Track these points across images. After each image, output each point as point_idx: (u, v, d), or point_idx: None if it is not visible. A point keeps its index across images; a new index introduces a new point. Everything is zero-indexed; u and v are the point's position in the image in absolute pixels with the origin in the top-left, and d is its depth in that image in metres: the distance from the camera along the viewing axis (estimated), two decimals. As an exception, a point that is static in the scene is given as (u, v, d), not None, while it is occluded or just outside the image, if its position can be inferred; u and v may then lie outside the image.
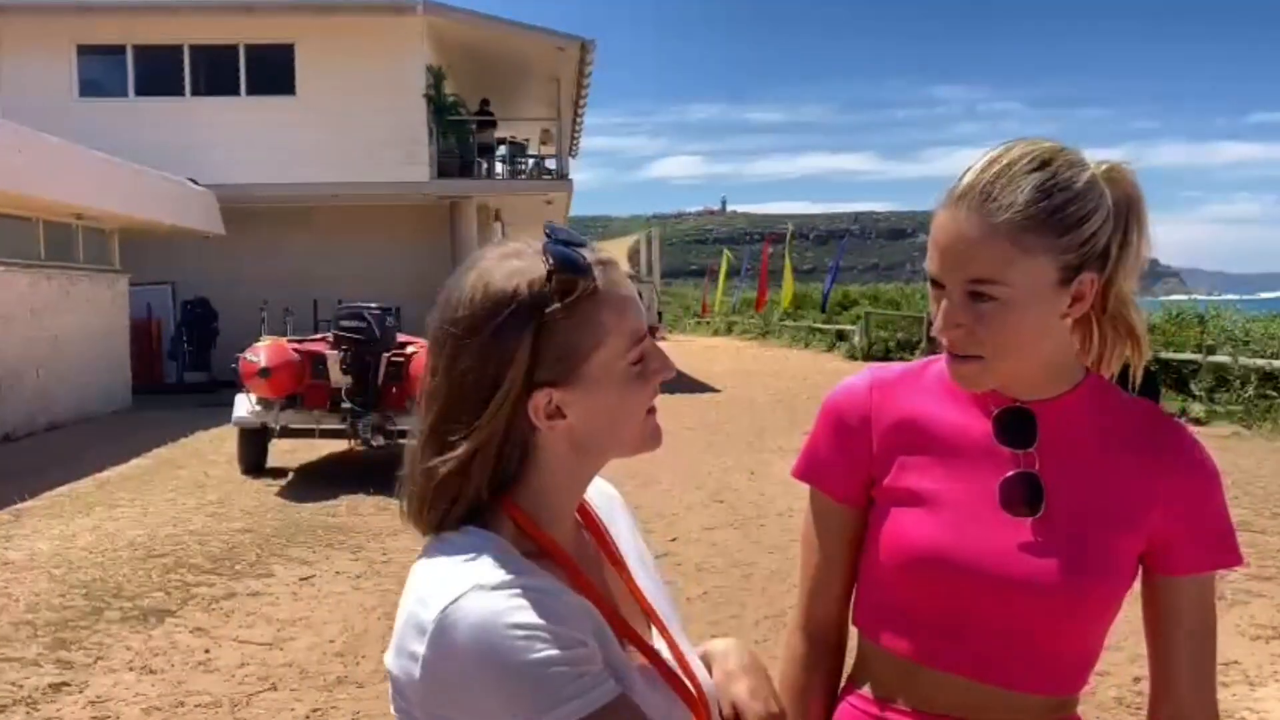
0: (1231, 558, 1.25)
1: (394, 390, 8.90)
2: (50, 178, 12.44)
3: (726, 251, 48.79)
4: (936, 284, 1.20)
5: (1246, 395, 13.40)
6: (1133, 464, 1.23)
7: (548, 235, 1.02)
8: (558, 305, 0.98)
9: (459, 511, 1.02)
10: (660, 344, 1.09)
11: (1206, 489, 1.24)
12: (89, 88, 18.84)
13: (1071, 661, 1.25)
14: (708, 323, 44.10)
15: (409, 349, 9.07)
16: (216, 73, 19.09)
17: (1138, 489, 1.22)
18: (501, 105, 21.23)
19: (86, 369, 14.18)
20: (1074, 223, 1.16)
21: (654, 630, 1.11)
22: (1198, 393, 13.98)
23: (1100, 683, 4.31)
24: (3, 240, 12.51)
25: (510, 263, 1.01)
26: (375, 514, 7.77)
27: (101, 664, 4.75)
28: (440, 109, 19.10)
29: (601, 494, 1.22)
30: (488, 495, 1.02)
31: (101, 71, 19.04)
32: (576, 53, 19.76)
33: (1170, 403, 13.93)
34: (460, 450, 0.99)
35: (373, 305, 9.63)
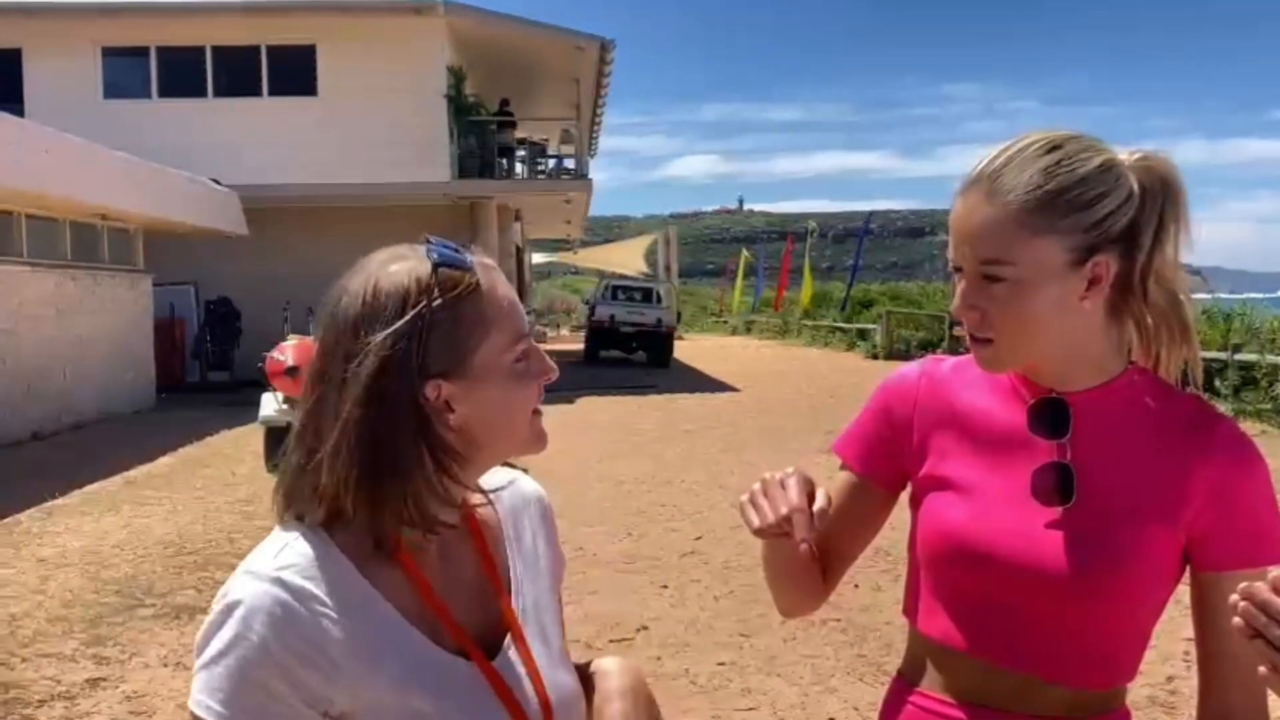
0: (1277, 554, 1.19)
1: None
2: (75, 178, 12.54)
3: (744, 251, 48.76)
4: (957, 269, 1.24)
5: (1275, 393, 13.32)
6: (1171, 456, 1.22)
7: (428, 242, 1.07)
8: (443, 299, 1.03)
9: (316, 509, 1.05)
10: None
11: (1250, 482, 1.21)
12: (113, 89, 19.01)
13: (1104, 656, 1.24)
14: (726, 322, 44.09)
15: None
16: (238, 74, 19.22)
17: (1175, 481, 1.21)
18: (521, 105, 21.28)
19: (111, 368, 14.30)
20: (1082, 204, 1.18)
21: (510, 641, 1.12)
22: (1224, 391, 13.89)
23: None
24: (30, 240, 12.63)
25: (397, 264, 1.05)
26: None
27: (136, 659, 4.79)
28: (461, 109, 19.17)
29: (518, 495, 1.24)
30: (354, 495, 1.03)
31: (125, 73, 19.20)
32: (596, 52, 19.80)
33: (1195, 401, 13.85)
34: (334, 433, 1.02)
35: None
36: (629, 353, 24.56)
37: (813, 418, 13.41)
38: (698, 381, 19.91)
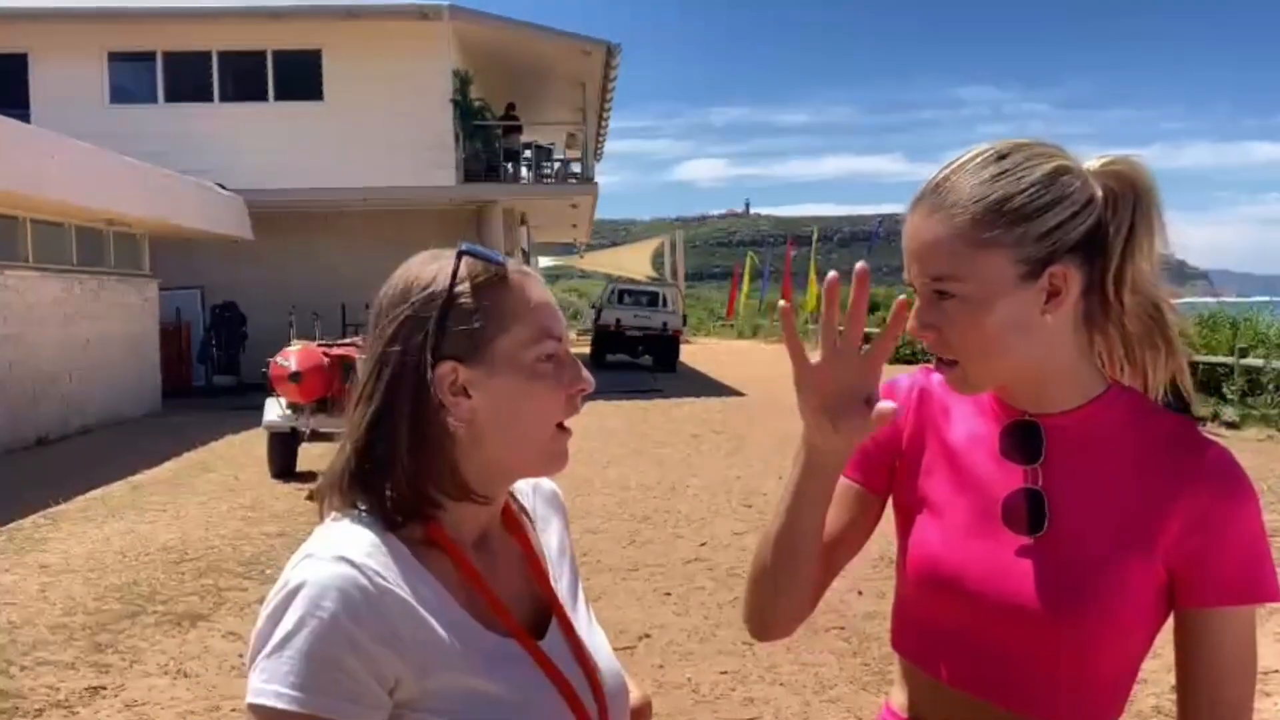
0: (1265, 591, 1.13)
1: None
2: (81, 183, 12.56)
3: (750, 254, 48.73)
4: (913, 287, 1.20)
5: (1280, 399, 13.26)
6: (1150, 483, 1.15)
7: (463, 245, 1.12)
8: (466, 286, 1.06)
9: (358, 495, 1.07)
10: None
11: (1234, 511, 1.12)
12: (119, 94, 19.05)
13: (1084, 694, 1.17)
14: (732, 326, 44.06)
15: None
16: (245, 78, 19.27)
17: (1153, 510, 1.14)
18: (527, 109, 21.30)
19: (117, 373, 14.31)
20: (1030, 213, 1.12)
21: (555, 622, 1.15)
22: (1230, 396, 13.83)
23: (1137, 690, 4.26)
24: (36, 245, 12.65)
25: (432, 262, 1.09)
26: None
27: (137, 667, 4.78)
28: (466, 113, 19.17)
29: (541, 493, 1.29)
30: (395, 485, 1.05)
31: (132, 78, 19.24)
32: (602, 56, 19.80)
33: (1202, 406, 13.79)
34: (365, 418, 1.06)
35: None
36: (635, 356, 24.54)
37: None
38: (704, 386, 19.88)
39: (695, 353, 29.29)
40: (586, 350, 25.10)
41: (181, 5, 19.42)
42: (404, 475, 1.05)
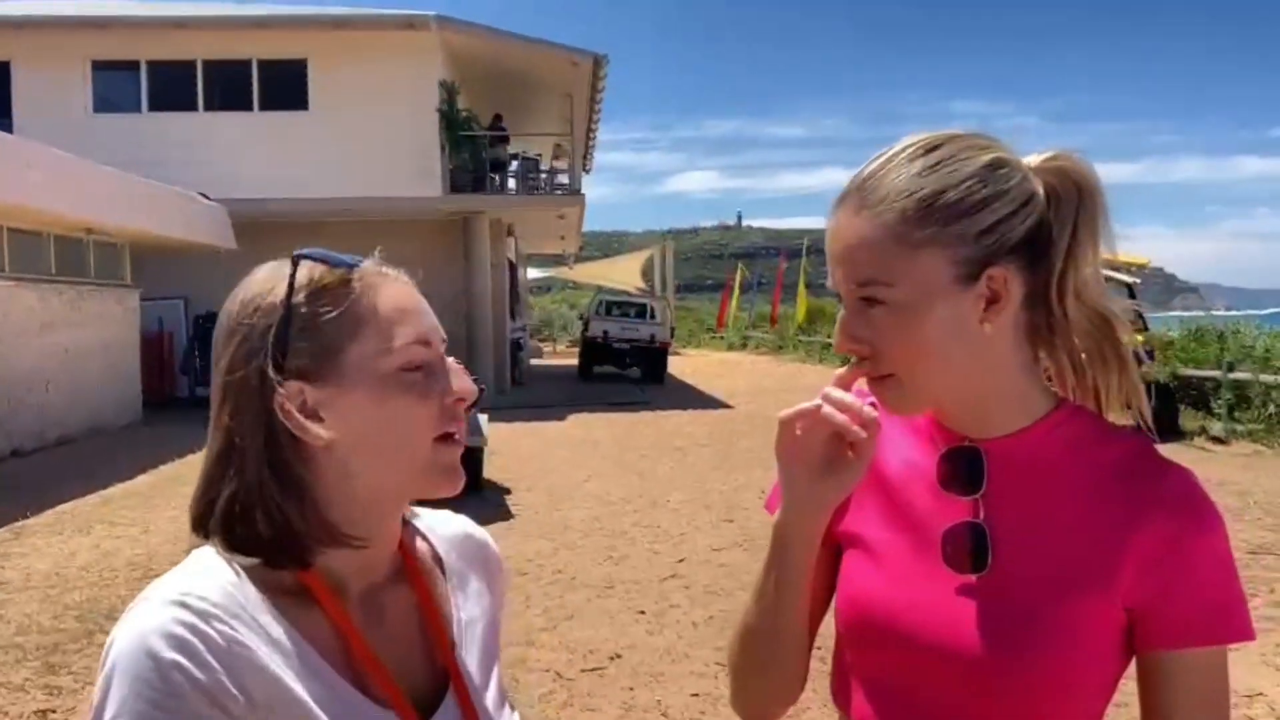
0: (1233, 630, 1.01)
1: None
2: (61, 192, 12.42)
3: (741, 266, 48.69)
4: (838, 296, 1.08)
5: (1268, 413, 13.18)
6: (1105, 512, 1.02)
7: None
8: (304, 295, 0.93)
9: (219, 533, 0.94)
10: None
11: (1198, 542, 1.00)
12: (103, 103, 18.89)
13: None
14: (722, 338, 43.99)
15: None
16: (230, 88, 19.11)
17: (1108, 543, 1.01)
18: (515, 120, 21.20)
19: (97, 383, 14.15)
20: (967, 209, 1.01)
21: (451, 698, 1.00)
22: (1218, 410, 13.76)
23: (1116, 715, 4.14)
24: (14, 255, 12.50)
25: (269, 273, 0.97)
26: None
27: (89, 689, 4.62)
28: (453, 124, 19.06)
29: (463, 539, 1.13)
30: (257, 525, 0.93)
31: (115, 87, 19.08)
32: (590, 67, 19.73)
33: (1190, 420, 13.72)
34: (213, 454, 0.94)
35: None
36: (623, 368, 24.44)
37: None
38: (691, 398, 19.77)
39: (684, 365, 29.19)
40: (574, 362, 24.97)
41: (166, 14, 19.32)
42: (264, 516, 0.92)
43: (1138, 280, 14.27)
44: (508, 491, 9.49)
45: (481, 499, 8.94)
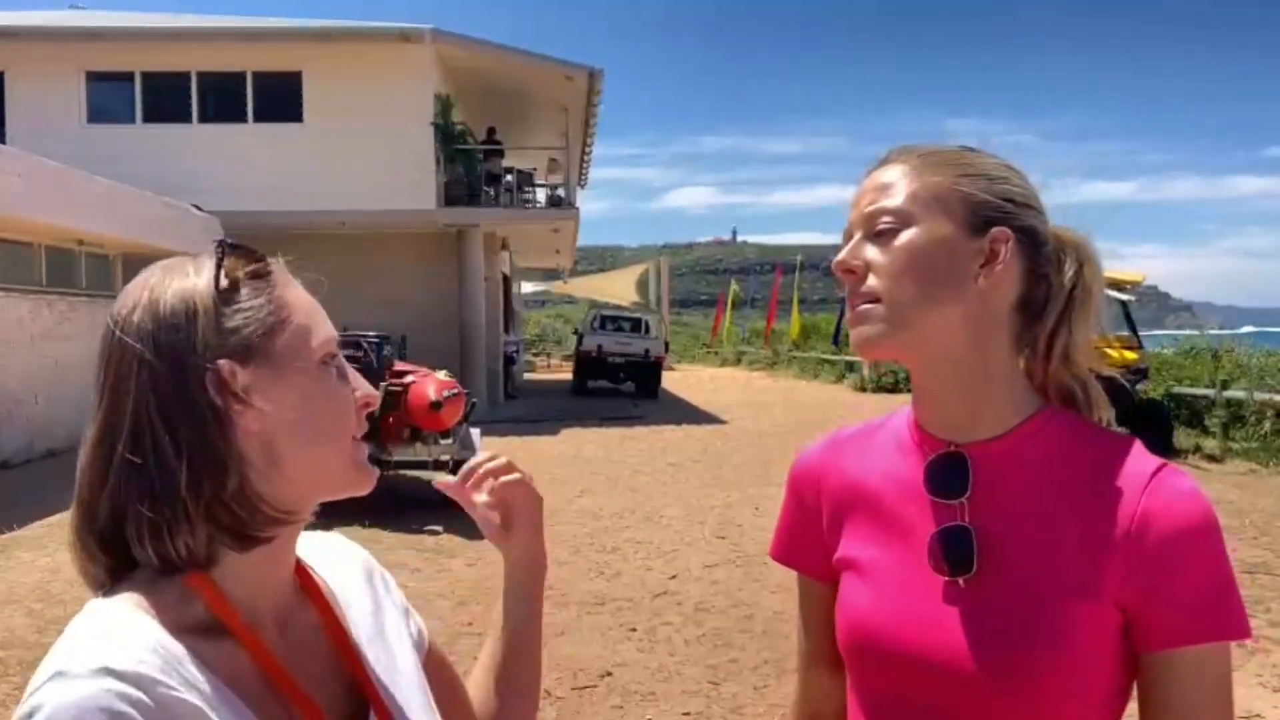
0: (1229, 628, 0.99)
1: (390, 420, 8.72)
2: (52, 203, 12.37)
3: (734, 282, 48.75)
4: (848, 240, 1.11)
5: (1263, 431, 13.15)
6: (1093, 512, 1.01)
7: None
8: (234, 277, 0.90)
9: (116, 556, 0.87)
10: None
11: (1189, 537, 0.99)
12: (97, 114, 18.84)
13: None
14: (716, 353, 43.98)
15: (407, 378, 8.90)
16: (224, 100, 19.08)
17: (1098, 543, 1.00)
18: (510, 134, 21.20)
19: (87, 396, 13.74)
20: (989, 174, 1.08)
21: (372, 716, 0.95)
22: (1212, 428, 13.73)
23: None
24: (3, 266, 12.43)
25: (177, 264, 0.93)
26: (370, 546, 7.58)
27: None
28: (448, 137, 19.05)
29: (347, 559, 1.09)
30: (166, 534, 0.85)
31: (110, 98, 19.06)
32: (585, 82, 19.72)
33: (1184, 438, 13.68)
34: (118, 454, 0.86)
35: (370, 334, 9.50)
36: (617, 383, 24.38)
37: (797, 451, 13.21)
38: (684, 413, 19.72)
39: (678, 380, 29.14)
40: (568, 376, 24.90)
41: (161, 25, 19.32)
42: (185, 517, 0.85)
43: (1133, 298, 14.25)
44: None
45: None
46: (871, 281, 1.06)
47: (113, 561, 0.88)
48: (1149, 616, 0.99)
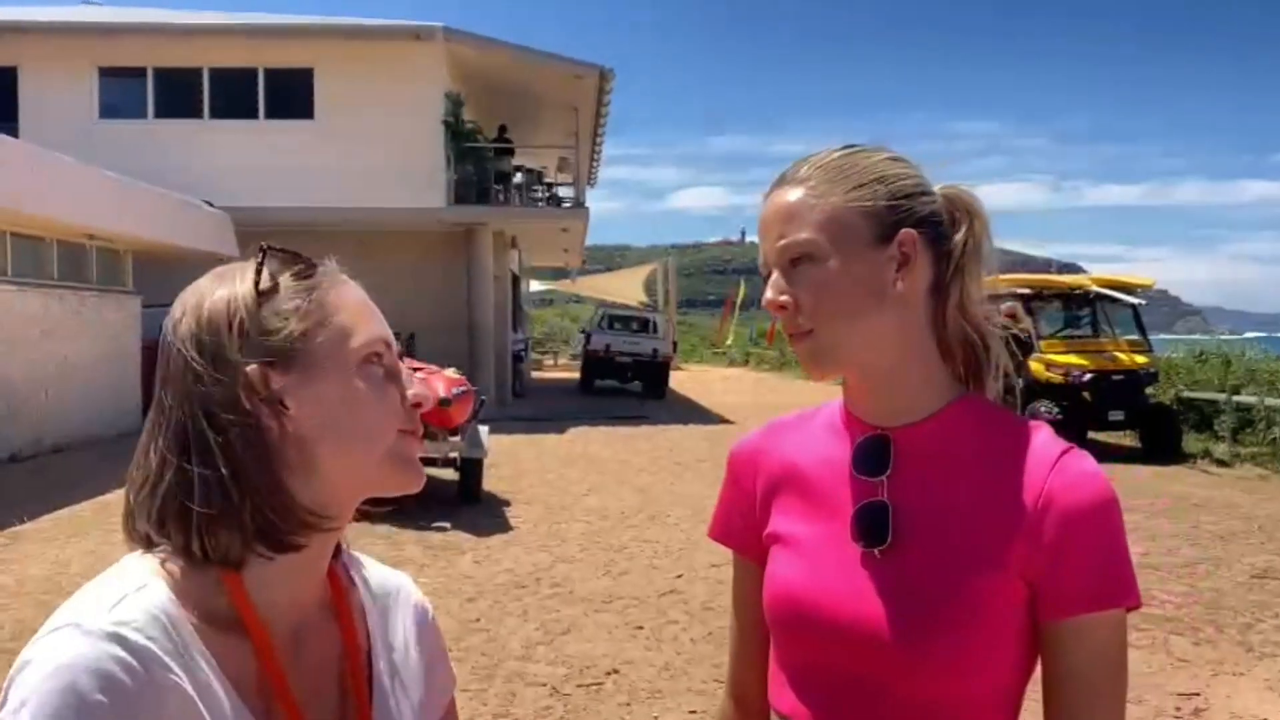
0: (1120, 596, 1.05)
1: (399, 417, 8.73)
2: (63, 198, 12.41)
3: (742, 282, 48.73)
4: (767, 277, 1.16)
5: (1272, 437, 13.10)
6: (1003, 491, 1.08)
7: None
8: (273, 282, 0.93)
9: (167, 532, 0.90)
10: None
11: (1086, 518, 1.05)
12: (109, 110, 18.91)
13: None
14: (724, 353, 43.98)
15: (416, 375, 8.91)
16: (235, 96, 19.12)
17: (1004, 520, 1.07)
18: (520, 132, 21.22)
19: (96, 391, 14.10)
20: (878, 174, 1.12)
21: None
22: (1222, 433, 13.69)
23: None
24: (15, 260, 12.48)
25: (228, 271, 0.96)
26: (379, 544, 7.61)
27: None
28: (458, 135, 19.08)
29: (393, 592, 1.07)
30: (215, 523, 0.88)
31: (122, 94, 19.11)
32: (595, 81, 19.74)
33: (1194, 443, 13.65)
34: (171, 444, 0.90)
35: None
36: (624, 382, 24.40)
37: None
38: (691, 413, 19.72)
39: (686, 379, 29.14)
40: (575, 375, 24.91)
41: (173, 21, 19.36)
42: (222, 516, 0.87)
43: (1143, 302, 14.22)
44: (507, 504, 9.44)
45: (481, 511, 8.92)
46: (802, 313, 1.11)
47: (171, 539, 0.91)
48: (1051, 587, 1.06)
